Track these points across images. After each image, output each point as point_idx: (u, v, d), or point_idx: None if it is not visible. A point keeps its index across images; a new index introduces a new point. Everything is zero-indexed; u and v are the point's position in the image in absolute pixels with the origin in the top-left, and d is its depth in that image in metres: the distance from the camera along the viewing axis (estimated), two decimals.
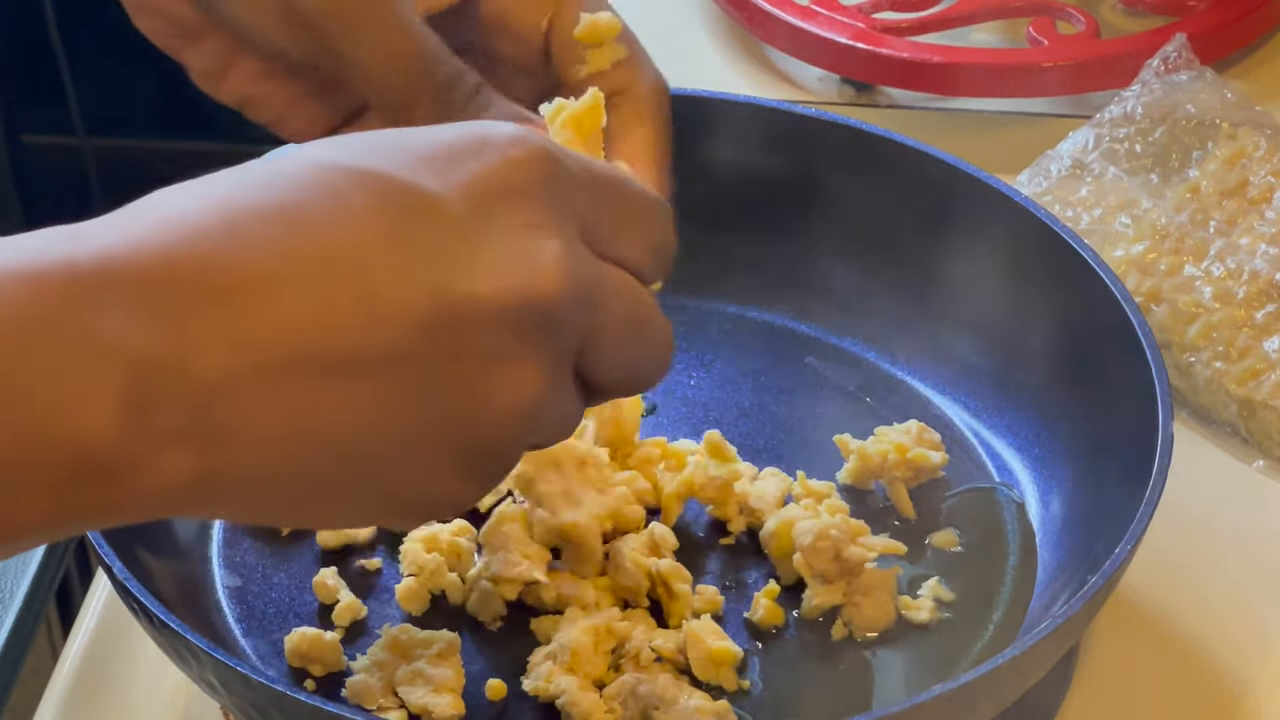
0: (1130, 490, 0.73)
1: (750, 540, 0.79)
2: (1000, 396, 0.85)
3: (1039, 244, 0.83)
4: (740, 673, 0.74)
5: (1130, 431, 0.76)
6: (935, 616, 0.76)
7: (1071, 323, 0.82)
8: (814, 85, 1.11)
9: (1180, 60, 1.00)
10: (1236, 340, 0.87)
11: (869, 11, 1.11)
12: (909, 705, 0.67)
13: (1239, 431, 0.87)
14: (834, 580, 0.76)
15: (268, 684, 0.66)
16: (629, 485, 0.79)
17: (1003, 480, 0.82)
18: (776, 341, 0.89)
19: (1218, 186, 0.92)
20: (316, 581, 0.77)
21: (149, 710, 0.80)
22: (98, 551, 0.70)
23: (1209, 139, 0.96)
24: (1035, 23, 1.09)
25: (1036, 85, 1.07)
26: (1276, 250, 0.89)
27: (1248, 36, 1.11)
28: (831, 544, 0.75)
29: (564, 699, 0.72)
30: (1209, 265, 0.89)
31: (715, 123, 0.89)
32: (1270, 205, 0.91)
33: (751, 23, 1.12)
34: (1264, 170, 0.93)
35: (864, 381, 0.87)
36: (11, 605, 0.86)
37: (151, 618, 0.68)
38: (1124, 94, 0.99)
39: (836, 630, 0.76)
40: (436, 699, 0.71)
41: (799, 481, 0.80)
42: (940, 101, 1.09)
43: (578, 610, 0.75)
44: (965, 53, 1.08)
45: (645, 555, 0.76)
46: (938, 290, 0.87)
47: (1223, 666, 0.79)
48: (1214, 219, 0.91)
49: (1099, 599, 0.70)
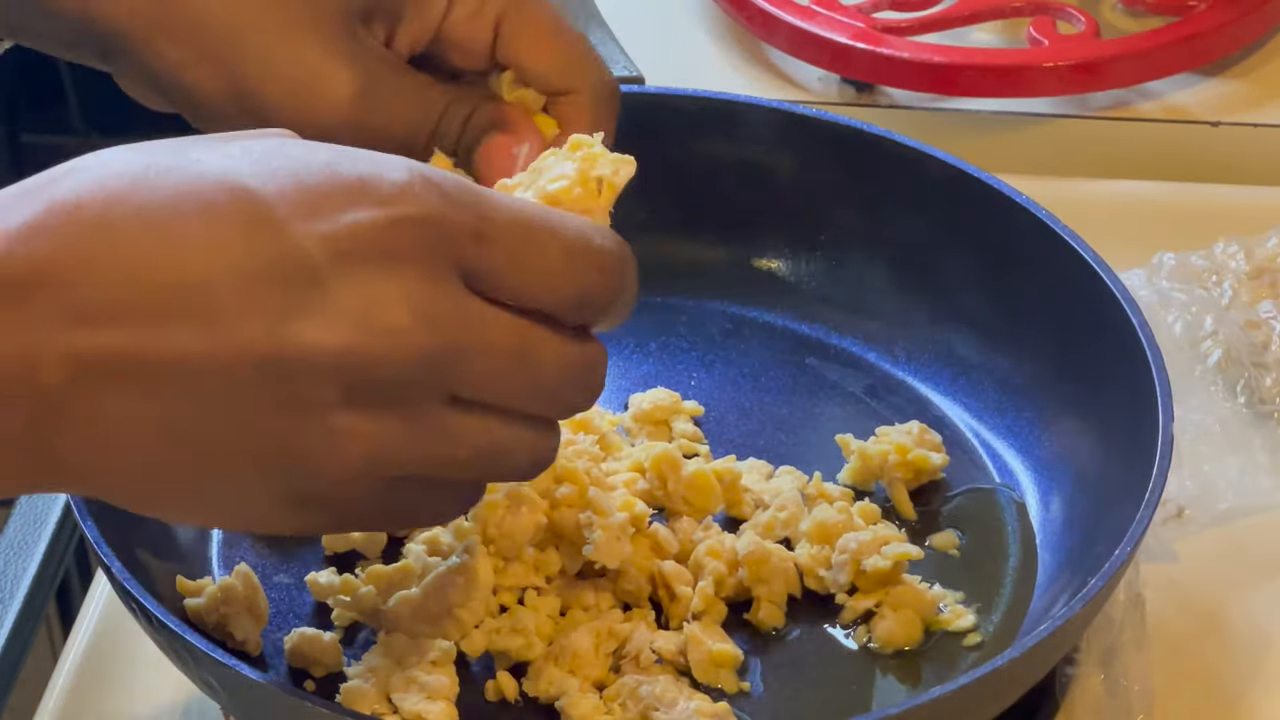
0: (1130, 491, 0.73)
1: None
2: (1001, 397, 0.85)
3: (1039, 244, 0.83)
4: (740, 675, 0.74)
5: (1130, 432, 0.76)
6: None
7: (1072, 323, 0.82)
8: (814, 85, 1.11)
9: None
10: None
11: (869, 11, 1.11)
12: (909, 706, 0.67)
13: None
14: (868, 590, 0.76)
15: (268, 684, 0.66)
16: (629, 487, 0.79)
17: (1003, 481, 0.82)
18: (777, 342, 0.89)
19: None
20: (310, 579, 0.76)
21: (149, 710, 0.80)
22: (98, 551, 0.70)
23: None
24: (1035, 23, 1.09)
25: (1036, 85, 1.07)
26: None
27: (1248, 36, 1.11)
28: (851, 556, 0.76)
29: (564, 700, 0.72)
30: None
31: (715, 123, 0.89)
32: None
33: (751, 23, 1.12)
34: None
35: (864, 382, 0.87)
36: (11, 605, 0.86)
37: (151, 618, 0.68)
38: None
39: (858, 636, 0.76)
40: (430, 705, 0.71)
41: (814, 482, 0.80)
42: (940, 101, 1.09)
43: (579, 612, 0.75)
44: (965, 53, 1.08)
45: (647, 556, 0.76)
46: (938, 291, 0.87)
47: (1223, 666, 0.79)
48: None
49: (1099, 600, 0.70)
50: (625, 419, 0.84)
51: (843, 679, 0.75)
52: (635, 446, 0.82)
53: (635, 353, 0.88)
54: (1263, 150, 1.07)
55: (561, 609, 0.75)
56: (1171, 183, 1.05)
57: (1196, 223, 0.99)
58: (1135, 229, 1.00)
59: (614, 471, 0.80)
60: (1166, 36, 1.08)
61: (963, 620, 0.76)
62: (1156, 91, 1.09)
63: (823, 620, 0.77)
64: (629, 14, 1.13)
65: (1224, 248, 0.97)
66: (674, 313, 0.90)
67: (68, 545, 0.90)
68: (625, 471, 0.80)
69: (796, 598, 0.77)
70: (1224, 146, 1.07)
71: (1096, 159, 1.07)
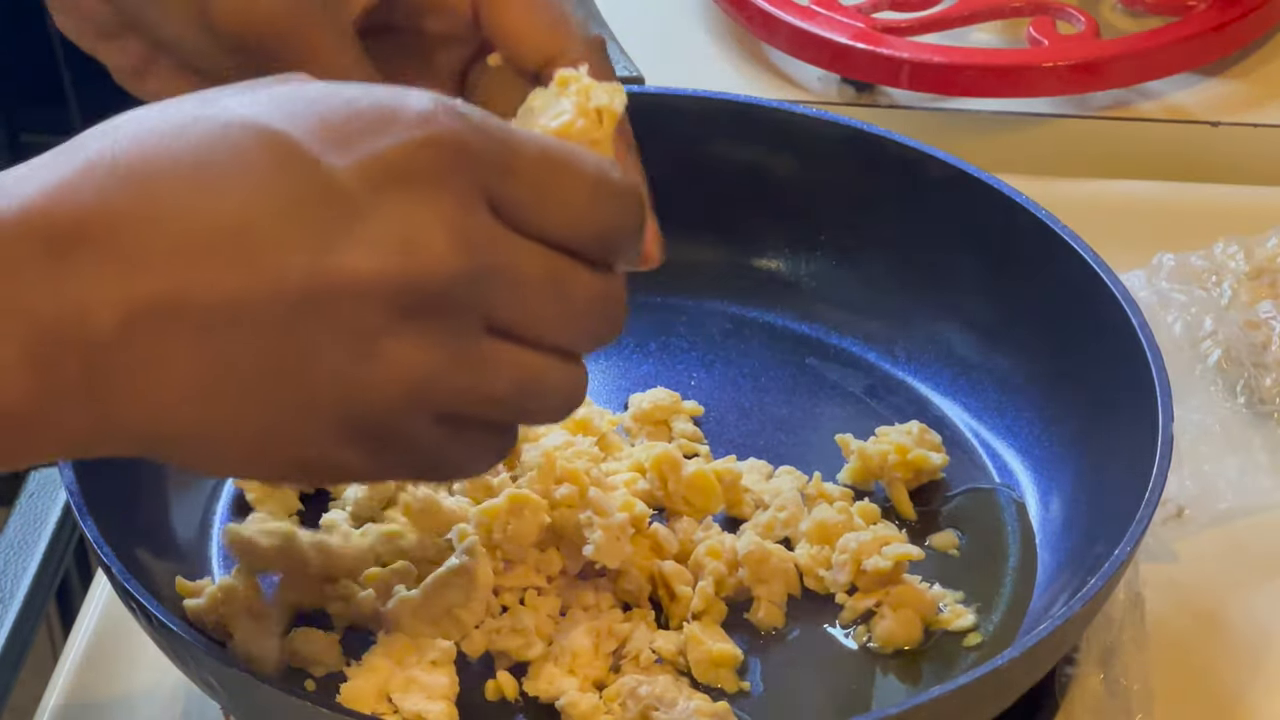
0: (1130, 491, 0.73)
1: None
2: (1001, 397, 0.85)
3: (1039, 244, 0.83)
4: (740, 674, 0.74)
5: (1130, 432, 0.76)
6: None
7: (1072, 323, 0.82)
8: (814, 85, 1.11)
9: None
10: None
11: (869, 11, 1.11)
12: (909, 706, 0.67)
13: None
14: (868, 590, 0.76)
15: (268, 684, 0.66)
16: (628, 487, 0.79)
17: (1003, 481, 0.82)
18: (777, 342, 0.89)
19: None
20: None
21: (149, 710, 0.80)
22: (98, 551, 0.70)
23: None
24: (1035, 23, 1.09)
25: (1036, 85, 1.07)
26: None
27: (1248, 36, 1.11)
28: (852, 556, 0.76)
29: (564, 700, 0.72)
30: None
31: (715, 123, 0.89)
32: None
33: (751, 23, 1.12)
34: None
35: (864, 382, 0.87)
36: (11, 605, 0.86)
37: (151, 618, 0.68)
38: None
39: (858, 636, 0.76)
40: (430, 705, 0.71)
41: (813, 482, 0.81)
42: (940, 101, 1.09)
43: (579, 612, 0.75)
44: (965, 53, 1.08)
45: (647, 556, 0.76)
46: (938, 291, 0.87)
47: (1222, 666, 0.79)
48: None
49: (1099, 600, 0.70)
50: (625, 419, 0.84)
51: (843, 679, 0.75)
52: (635, 446, 0.82)
53: (635, 353, 0.88)
54: (1263, 150, 1.07)
55: (561, 609, 0.75)
56: (1171, 183, 1.05)
57: (1196, 223, 0.99)
58: (1135, 229, 1.00)
59: (614, 471, 0.80)
60: (1166, 36, 1.08)
61: (963, 620, 0.76)
62: (1156, 91, 1.09)
63: (823, 620, 0.77)
64: (629, 14, 1.13)
65: (1224, 248, 0.97)
66: (674, 313, 0.90)
67: (68, 545, 0.90)
68: (625, 471, 0.80)
69: (796, 598, 0.77)
70: (1224, 146, 1.07)
71: (1096, 159, 1.07)
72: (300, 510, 0.80)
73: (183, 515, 0.79)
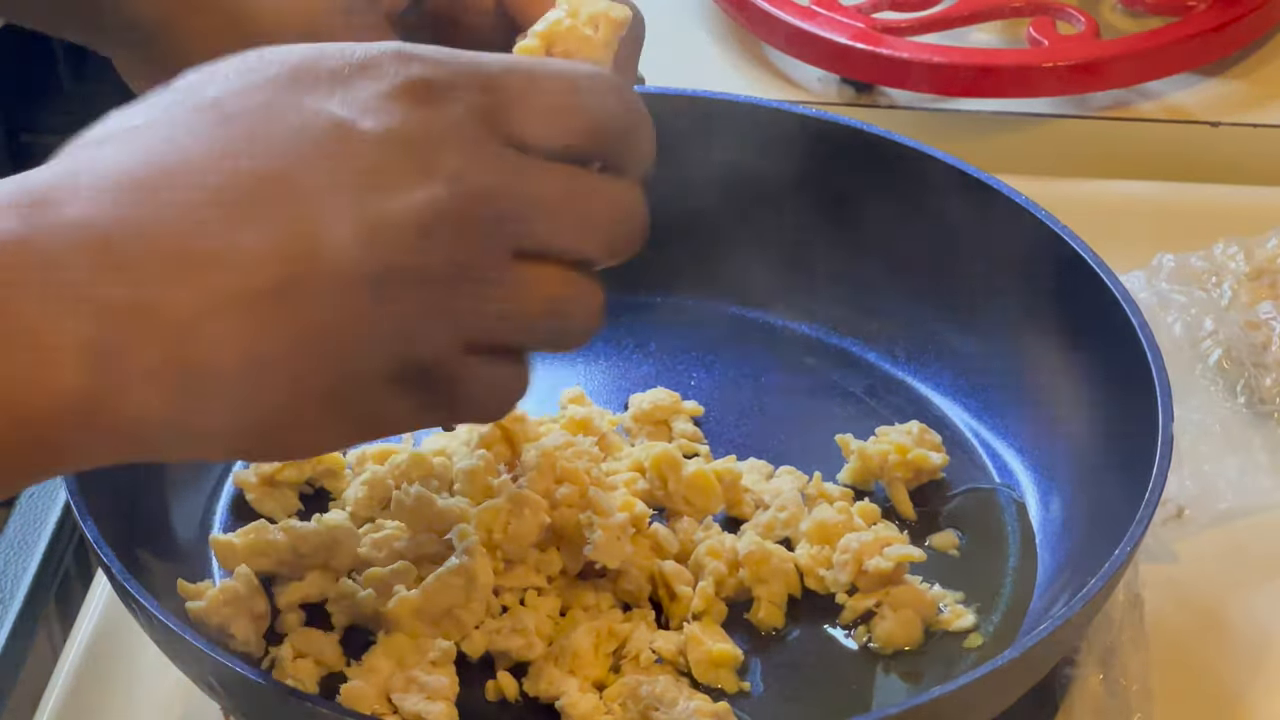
0: (1130, 491, 0.73)
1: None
2: (1001, 397, 0.85)
3: (1039, 245, 0.83)
4: (740, 674, 0.74)
5: (1130, 432, 0.76)
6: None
7: (1072, 324, 0.82)
8: (814, 85, 1.11)
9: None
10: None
11: (869, 11, 1.11)
12: (909, 706, 0.67)
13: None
14: (868, 590, 0.76)
15: (268, 684, 0.66)
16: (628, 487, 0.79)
17: (1003, 481, 0.82)
18: (777, 342, 0.89)
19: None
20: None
21: (149, 710, 0.80)
22: (98, 551, 0.70)
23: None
24: (1035, 23, 1.09)
25: (1036, 85, 1.07)
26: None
27: (1248, 36, 1.11)
28: (853, 556, 0.76)
29: (564, 700, 0.72)
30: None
31: (715, 123, 0.89)
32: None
33: (751, 23, 1.12)
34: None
35: (864, 382, 0.87)
36: (11, 605, 0.86)
37: (151, 618, 0.68)
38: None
39: (858, 636, 0.76)
40: (430, 705, 0.71)
41: (814, 482, 0.81)
42: (940, 101, 1.09)
43: (579, 612, 0.75)
44: (965, 53, 1.08)
45: (647, 556, 0.76)
46: (938, 291, 0.87)
47: (1222, 666, 0.79)
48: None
49: (1099, 600, 0.70)
50: (625, 419, 0.84)
51: (843, 679, 0.75)
52: (635, 446, 0.82)
53: (635, 353, 0.88)
54: (1263, 150, 1.07)
55: (562, 609, 0.75)
56: (1171, 183, 1.05)
57: (1196, 223, 0.99)
58: (1135, 229, 1.00)
59: (614, 471, 0.80)
60: (1166, 36, 1.08)
61: (963, 620, 0.76)
62: (1156, 91, 1.10)
63: (823, 620, 0.77)
64: None
65: (1224, 248, 0.97)
66: (674, 313, 0.90)
67: (68, 545, 0.90)
68: (625, 471, 0.80)
69: (796, 598, 0.77)
70: (1224, 146, 1.07)
71: (1096, 159, 1.07)
72: (300, 510, 0.80)
73: (183, 515, 0.79)
